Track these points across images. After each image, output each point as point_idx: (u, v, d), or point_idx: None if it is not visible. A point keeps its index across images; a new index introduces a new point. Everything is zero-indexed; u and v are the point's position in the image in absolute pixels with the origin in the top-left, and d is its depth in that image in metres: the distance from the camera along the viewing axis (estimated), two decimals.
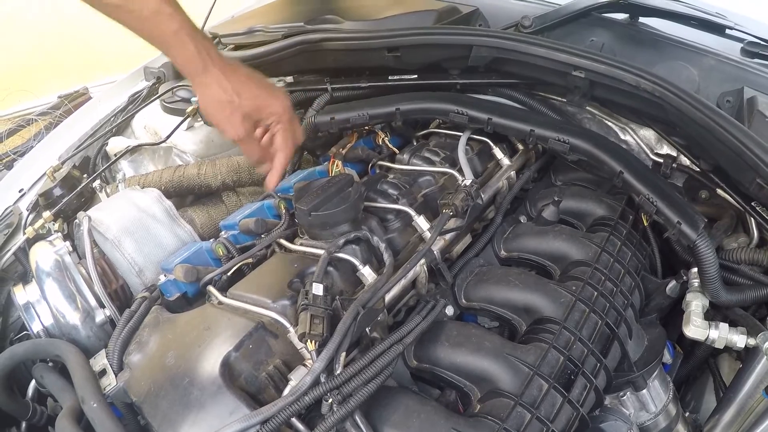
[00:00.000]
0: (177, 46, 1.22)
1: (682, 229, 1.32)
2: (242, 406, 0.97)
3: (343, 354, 1.03)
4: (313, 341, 1.02)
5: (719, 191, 1.54)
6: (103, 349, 1.23)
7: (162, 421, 1.02)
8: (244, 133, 1.30)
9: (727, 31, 1.82)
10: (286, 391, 1.00)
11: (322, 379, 0.99)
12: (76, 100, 4.83)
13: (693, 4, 1.90)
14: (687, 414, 1.49)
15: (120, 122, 2.09)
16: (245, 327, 1.07)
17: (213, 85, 1.25)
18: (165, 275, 1.35)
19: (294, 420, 0.97)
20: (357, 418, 0.98)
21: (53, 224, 1.60)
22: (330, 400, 0.96)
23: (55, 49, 5.05)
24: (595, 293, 1.27)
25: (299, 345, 1.07)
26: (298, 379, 1.00)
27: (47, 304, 1.34)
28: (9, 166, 4.16)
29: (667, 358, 1.47)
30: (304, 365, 1.05)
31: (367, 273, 1.22)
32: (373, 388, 1.00)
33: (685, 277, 1.44)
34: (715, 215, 1.60)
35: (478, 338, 1.16)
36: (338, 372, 1.00)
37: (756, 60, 1.71)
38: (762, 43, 1.75)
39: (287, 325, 1.09)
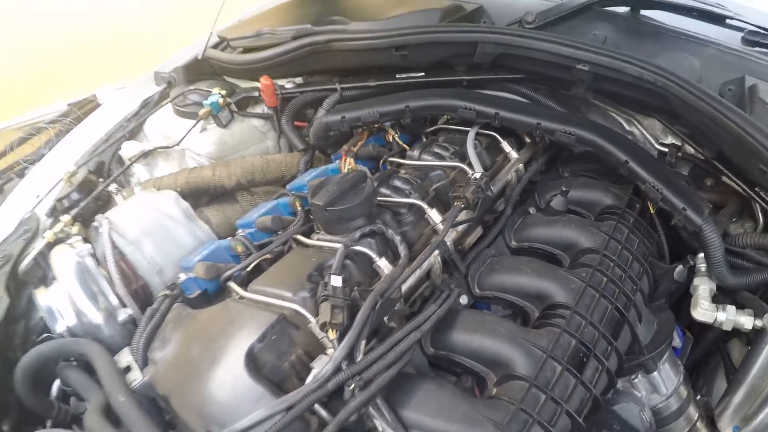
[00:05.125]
0: None
1: (687, 214, 1.37)
2: (267, 394, 1.02)
3: (363, 342, 1.07)
4: (335, 330, 1.06)
5: (724, 178, 1.58)
6: (127, 347, 1.27)
7: (189, 411, 1.06)
8: None
9: (728, 21, 1.85)
10: (309, 379, 1.04)
11: (344, 366, 1.02)
12: (85, 107, 4.87)
13: None
14: (698, 397, 1.53)
15: (133, 127, 2.12)
16: (267, 319, 1.11)
17: None
18: (185, 273, 1.39)
19: (317, 406, 1.01)
20: (378, 402, 1.02)
21: (72, 228, 1.63)
22: (352, 386, 1.00)
23: (62, 59, 5.12)
24: (605, 279, 1.31)
25: (320, 335, 1.11)
26: (320, 367, 1.04)
27: (70, 305, 1.37)
28: (20, 175, 4.18)
29: (677, 342, 1.52)
30: (326, 354, 1.08)
31: (384, 264, 1.26)
32: (393, 373, 1.04)
33: (692, 262, 1.47)
34: (720, 202, 1.64)
35: (492, 324, 1.20)
36: (359, 359, 1.04)
37: (756, 49, 1.74)
38: (762, 32, 1.78)
39: (308, 316, 1.13)
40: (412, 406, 1.06)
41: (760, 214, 1.54)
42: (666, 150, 1.72)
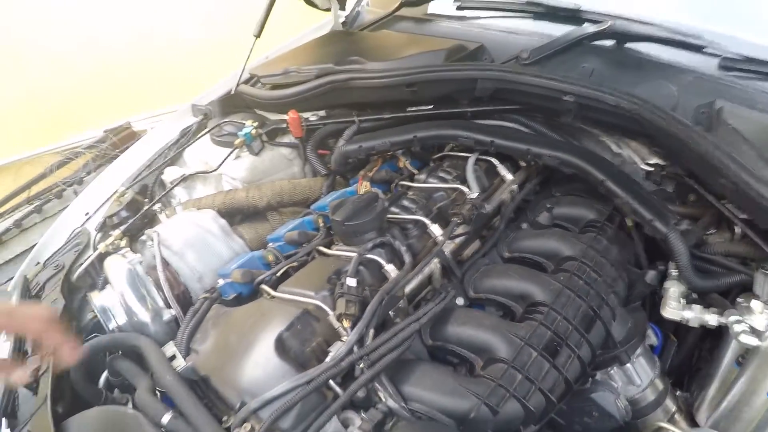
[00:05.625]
0: None
1: (654, 225, 1.55)
2: (292, 370, 1.25)
3: (372, 331, 1.30)
4: (348, 320, 1.30)
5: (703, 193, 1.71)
6: (172, 341, 1.48)
7: (227, 387, 1.28)
8: None
9: (705, 49, 1.97)
10: (326, 360, 1.27)
11: (355, 349, 1.25)
12: (120, 134, 5.17)
13: (673, 27, 2.04)
14: (678, 393, 1.69)
15: (173, 155, 2.35)
16: (294, 312, 1.34)
17: None
18: (223, 279, 1.61)
19: (332, 382, 1.23)
20: (383, 378, 1.24)
21: (121, 241, 1.85)
22: (361, 365, 1.23)
23: (98, 88, 5.38)
24: (581, 282, 1.50)
25: (337, 325, 1.34)
26: (336, 350, 1.27)
27: (122, 306, 1.56)
28: (59, 196, 4.49)
29: (653, 340, 1.69)
30: (341, 341, 1.31)
31: (391, 269, 1.49)
32: (396, 355, 1.26)
33: (663, 267, 1.66)
34: (701, 215, 1.77)
35: (480, 318, 1.42)
36: (368, 343, 1.27)
37: (732, 73, 1.87)
38: (736, 58, 1.91)
39: (327, 310, 1.36)
40: (410, 383, 1.28)
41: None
42: (652, 169, 1.87)
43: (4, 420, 1.45)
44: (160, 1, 5.46)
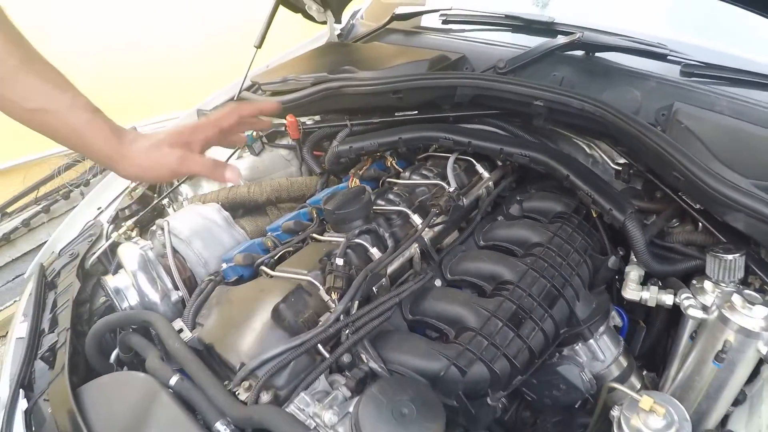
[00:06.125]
0: (94, 131, 1.19)
1: (613, 213, 1.71)
2: (287, 336, 1.42)
3: (357, 303, 1.48)
4: (336, 292, 1.47)
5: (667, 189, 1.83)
6: (179, 318, 1.62)
7: (228, 351, 1.43)
8: (182, 153, 1.27)
9: (668, 57, 2.11)
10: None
11: (341, 318, 1.43)
12: None
13: (638, 38, 2.19)
14: (645, 372, 1.82)
15: None
16: (289, 287, 1.51)
17: (138, 141, 1.25)
18: (226, 264, 1.77)
19: (320, 347, 1.40)
20: (365, 343, 1.42)
21: (132, 232, 2.03)
22: (347, 331, 1.41)
23: (103, 95, 5.50)
24: (546, 264, 1.67)
25: (326, 298, 1.51)
26: (325, 319, 1.44)
27: (134, 287, 1.68)
28: (66, 197, 4.66)
29: (617, 321, 1.83)
30: (330, 313, 1.48)
31: (375, 252, 1.67)
32: (377, 323, 1.44)
33: (622, 253, 1.83)
34: (665, 209, 1.88)
35: (453, 294, 1.61)
36: (353, 313, 1.44)
37: (693, 79, 2.02)
38: (696, 64, 2.07)
39: (319, 285, 1.53)
40: (389, 348, 1.45)
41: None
42: (620, 168, 2.01)
43: (21, 391, 1.59)
44: (163, 6, 5.59)
